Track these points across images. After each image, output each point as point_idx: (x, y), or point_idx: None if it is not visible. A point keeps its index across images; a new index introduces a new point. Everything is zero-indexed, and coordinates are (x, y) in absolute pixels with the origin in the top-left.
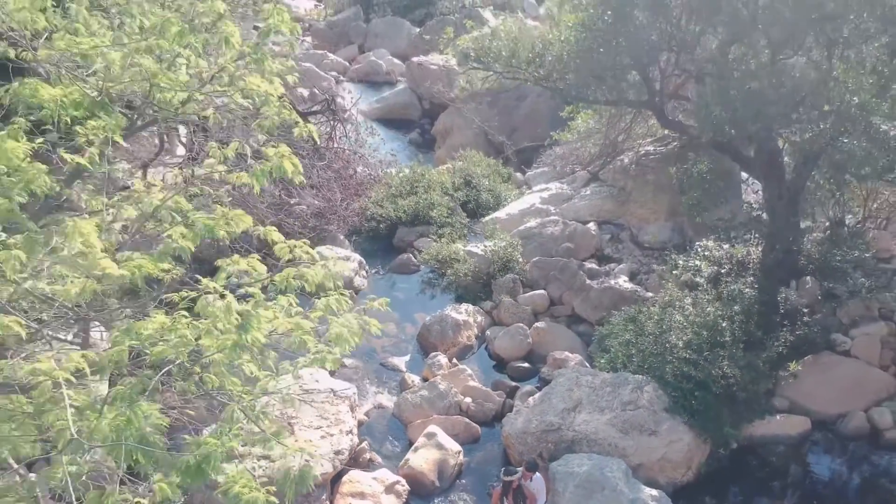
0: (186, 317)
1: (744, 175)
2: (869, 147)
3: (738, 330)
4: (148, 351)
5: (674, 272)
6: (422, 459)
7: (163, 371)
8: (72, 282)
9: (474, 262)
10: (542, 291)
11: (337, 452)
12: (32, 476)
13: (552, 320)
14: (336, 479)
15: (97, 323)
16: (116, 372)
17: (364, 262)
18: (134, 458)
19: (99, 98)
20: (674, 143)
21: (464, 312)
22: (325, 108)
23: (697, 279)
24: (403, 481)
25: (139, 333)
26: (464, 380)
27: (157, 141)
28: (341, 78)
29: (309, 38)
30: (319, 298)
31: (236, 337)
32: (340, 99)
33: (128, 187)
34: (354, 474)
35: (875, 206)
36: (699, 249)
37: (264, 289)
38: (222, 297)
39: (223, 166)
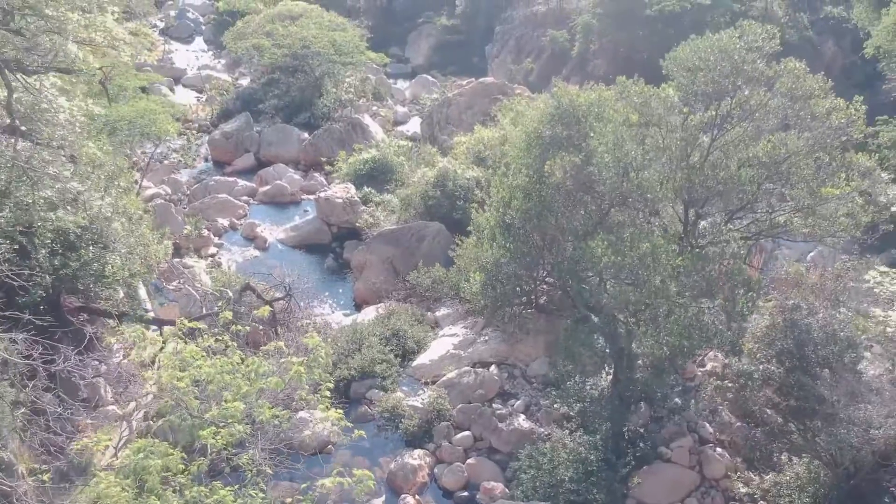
0: None
1: None
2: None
3: (600, 459)
4: None
5: (554, 406)
6: None
7: None
8: None
9: (417, 416)
10: (467, 432)
11: None
12: None
13: (478, 454)
14: None
15: None
16: None
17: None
18: None
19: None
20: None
21: (417, 458)
22: (286, 293)
23: (571, 412)
24: None
25: None
26: None
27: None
28: (252, 201)
29: (205, 146)
30: None
31: None
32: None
33: None
34: None
35: None
36: (569, 388)
37: None
38: None
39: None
